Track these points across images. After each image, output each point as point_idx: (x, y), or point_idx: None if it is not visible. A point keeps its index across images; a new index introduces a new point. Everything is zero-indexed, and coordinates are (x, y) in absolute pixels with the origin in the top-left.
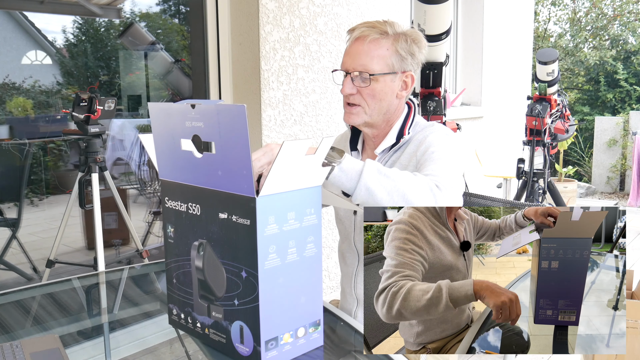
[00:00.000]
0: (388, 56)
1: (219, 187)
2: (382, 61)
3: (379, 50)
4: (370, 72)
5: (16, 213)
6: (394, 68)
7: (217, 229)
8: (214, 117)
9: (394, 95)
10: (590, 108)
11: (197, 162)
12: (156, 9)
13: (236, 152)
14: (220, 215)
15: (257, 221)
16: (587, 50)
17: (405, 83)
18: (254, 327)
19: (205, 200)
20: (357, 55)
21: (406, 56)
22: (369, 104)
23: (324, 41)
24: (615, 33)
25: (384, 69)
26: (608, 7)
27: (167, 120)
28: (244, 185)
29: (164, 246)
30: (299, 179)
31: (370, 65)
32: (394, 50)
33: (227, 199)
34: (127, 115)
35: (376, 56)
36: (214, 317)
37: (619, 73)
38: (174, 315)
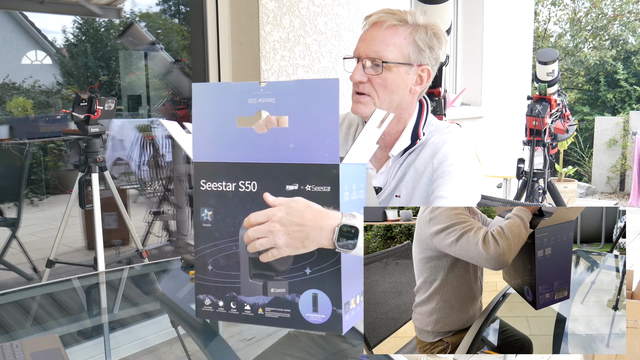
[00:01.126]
0: (404, 45)
1: (288, 159)
2: (397, 50)
3: (396, 38)
4: (383, 59)
5: (16, 213)
6: (410, 59)
7: None
8: (292, 92)
9: (407, 89)
10: (590, 108)
11: (258, 138)
12: (156, 9)
13: (321, 122)
14: (288, 187)
15: (339, 187)
16: (587, 50)
17: (421, 77)
18: (334, 292)
19: (266, 175)
20: (372, 41)
21: (424, 48)
22: (379, 94)
23: (324, 41)
24: (615, 33)
25: (398, 58)
26: (608, 7)
27: (220, 99)
28: (326, 154)
29: (195, 233)
30: (364, 152)
31: (385, 53)
32: (411, 40)
33: (300, 170)
34: (127, 115)
35: (392, 44)
36: (273, 293)
37: (619, 73)
38: (207, 305)
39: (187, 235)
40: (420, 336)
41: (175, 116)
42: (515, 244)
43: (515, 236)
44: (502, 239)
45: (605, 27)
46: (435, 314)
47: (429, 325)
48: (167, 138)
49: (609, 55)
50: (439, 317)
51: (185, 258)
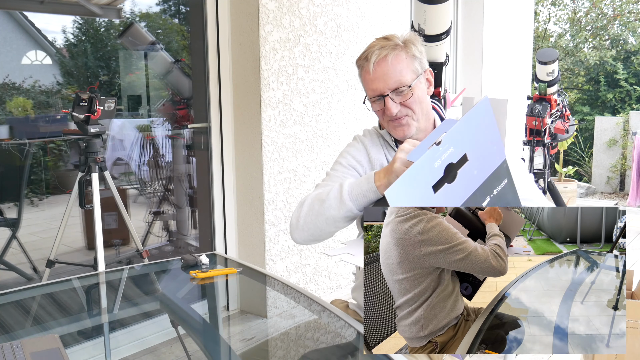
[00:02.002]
0: (410, 63)
1: (476, 184)
2: (409, 70)
3: (403, 63)
4: (406, 84)
5: (16, 213)
6: (418, 71)
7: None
8: (462, 132)
9: (426, 94)
10: (590, 108)
11: (452, 188)
12: (156, 9)
13: (487, 136)
14: (483, 204)
15: (511, 175)
16: (587, 50)
17: (428, 80)
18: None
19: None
20: (387, 75)
21: (420, 57)
22: (415, 110)
23: (324, 41)
24: (615, 33)
25: (413, 76)
26: (608, 7)
27: (413, 184)
28: (497, 158)
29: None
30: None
31: (403, 78)
32: (411, 56)
33: (487, 185)
34: (127, 115)
35: (403, 68)
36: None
37: (619, 73)
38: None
39: (187, 235)
40: (411, 343)
41: (175, 116)
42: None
43: (505, 251)
44: (502, 255)
45: (605, 27)
46: (422, 321)
47: (418, 333)
48: (167, 138)
49: (609, 55)
50: (425, 323)
51: (185, 258)
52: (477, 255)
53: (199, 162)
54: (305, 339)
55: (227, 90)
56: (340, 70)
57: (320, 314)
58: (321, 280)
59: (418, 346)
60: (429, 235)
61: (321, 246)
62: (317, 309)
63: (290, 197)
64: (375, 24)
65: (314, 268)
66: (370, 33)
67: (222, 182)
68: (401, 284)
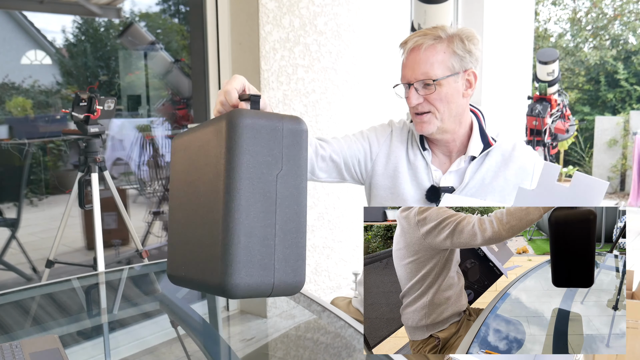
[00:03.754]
0: (447, 59)
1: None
2: (442, 65)
3: (437, 56)
4: (433, 77)
5: (16, 213)
6: (455, 69)
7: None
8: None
9: (460, 95)
10: (591, 108)
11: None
12: (156, 8)
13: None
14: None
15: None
16: (588, 50)
17: (469, 81)
18: None
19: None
20: (416, 64)
21: (464, 55)
22: (439, 108)
23: (324, 41)
24: (615, 33)
25: (445, 72)
26: (608, 6)
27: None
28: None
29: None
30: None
31: (432, 72)
32: (451, 52)
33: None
34: (127, 115)
35: (435, 62)
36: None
37: (619, 73)
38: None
39: None
40: (412, 336)
41: (175, 116)
42: (515, 224)
43: (515, 218)
44: (497, 221)
45: (605, 27)
46: (426, 308)
47: (421, 321)
48: (167, 138)
49: (610, 55)
50: (429, 310)
51: None
52: (463, 224)
53: None
54: (305, 339)
55: None
56: (340, 70)
57: (320, 314)
58: (321, 280)
59: (420, 339)
60: (424, 215)
61: (321, 246)
62: (317, 309)
63: None
64: (375, 24)
65: (314, 268)
66: (371, 33)
67: None
68: (407, 268)
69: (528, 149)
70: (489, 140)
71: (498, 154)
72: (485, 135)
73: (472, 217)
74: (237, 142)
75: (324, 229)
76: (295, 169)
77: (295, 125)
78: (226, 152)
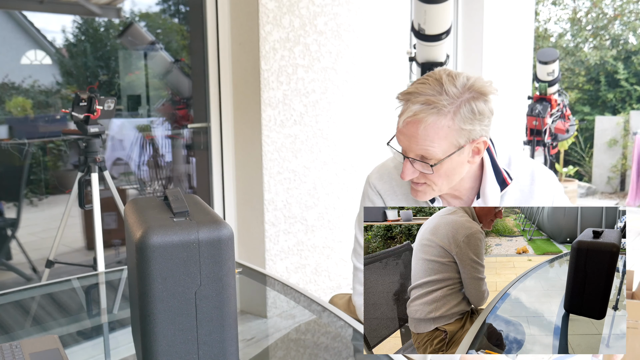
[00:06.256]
0: (451, 135)
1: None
2: (444, 142)
3: (439, 132)
4: (433, 159)
5: (15, 213)
6: (460, 143)
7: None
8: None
9: (463, 165)
10: (591, 108)
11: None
12: (156, 8)
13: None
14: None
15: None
16: (588, 50)
17: (477, 149)
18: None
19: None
20: (414, 139)
21: (473, 124)
22: (437, 182)
23: (324, 41)
24: (615, 33)
25: (448, 151)
26: (608, 6)
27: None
28: None
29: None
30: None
31: (432, 151)
32: (456, 127)
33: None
34: (127, 115)
35: (437, 138)
36: None
37: (619, 73)
38: None
39: None
40: (417, 329)
41: (175, 116)
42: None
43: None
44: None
45: (605, 27)
46: (438, 301)
47: (430, 313)
48: (167, 138)
49: (610, 55)
50: (440, 305)
51: None
52: (482, 285)
53: (198, 162)
54: (305, 339)
55: (226, 90)
56: (340, 70)
57: (320, 314)
58: (321, 280)
59: (424, 332)
60: (471, 241)
61: (321, 246)
62: (317, 309)
63: (290, 197)
64: (376, 24)
65: (314, 268)
66: (371, 33)
67: (222, 182)
68: (428, 264)
69: (545, 176)
70: (504, 178)
71: (516, 191)
72: (500, 171)
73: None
74: (148, 267)
75: (324, 229)
76: (216, 282)
77: (214, 233)
78: (137, 277)
